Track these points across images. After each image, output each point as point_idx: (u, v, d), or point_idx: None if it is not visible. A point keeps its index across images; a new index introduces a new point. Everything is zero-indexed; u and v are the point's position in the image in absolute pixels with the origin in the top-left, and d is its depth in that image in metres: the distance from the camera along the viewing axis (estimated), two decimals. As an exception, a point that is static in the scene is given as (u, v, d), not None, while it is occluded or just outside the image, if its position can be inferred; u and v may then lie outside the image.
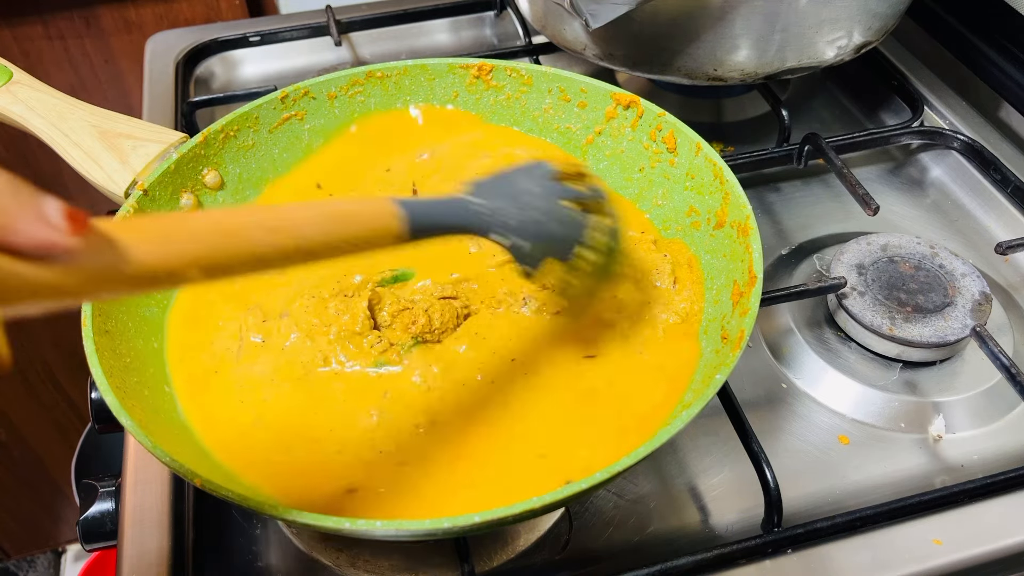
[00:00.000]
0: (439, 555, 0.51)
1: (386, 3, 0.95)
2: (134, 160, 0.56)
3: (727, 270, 0.52)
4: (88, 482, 0.55)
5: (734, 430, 0.53)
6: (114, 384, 0.44)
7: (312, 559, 0.51)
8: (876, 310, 0.60)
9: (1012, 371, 0.55)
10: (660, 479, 0.55)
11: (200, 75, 0.90)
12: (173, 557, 0.49)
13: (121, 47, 1.06)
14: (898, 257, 0.64)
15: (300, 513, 0.38)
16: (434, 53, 0.94)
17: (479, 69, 0.64)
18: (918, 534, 0.50)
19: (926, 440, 0.57)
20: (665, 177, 0.59)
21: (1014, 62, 0.78)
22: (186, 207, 0.57)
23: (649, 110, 0.59)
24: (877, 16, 0.70)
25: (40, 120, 0.57)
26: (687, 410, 0.41)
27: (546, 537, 0.52)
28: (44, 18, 1.00)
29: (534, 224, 0.44)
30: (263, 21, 0.96)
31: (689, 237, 0.57)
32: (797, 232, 0.71)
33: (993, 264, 0.68)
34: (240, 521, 0.53)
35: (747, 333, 0.45)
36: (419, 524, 0.38)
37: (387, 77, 0.64)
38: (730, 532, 0.52)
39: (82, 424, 1.36)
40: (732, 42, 0.67)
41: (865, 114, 0.84)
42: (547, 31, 0.77)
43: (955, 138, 0.75)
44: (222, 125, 0.59)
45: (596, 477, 0.39)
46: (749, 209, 0.51)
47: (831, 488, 0.54)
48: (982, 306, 0.60)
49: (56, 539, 1.60)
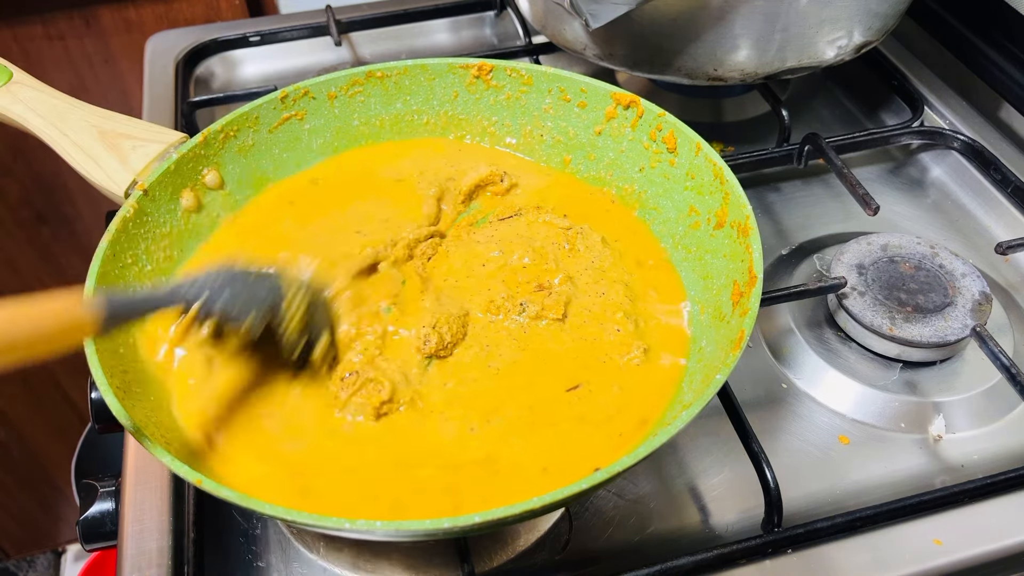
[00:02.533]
0: (439, 555, 0.51)
1: (386, 3, 0.95)
2: (134, 160, 0.56)
3: (727, 270, 0.52)
4: (88, 482, 0.55)
5: (734, 430, 0.53)
6: (114, 384, 0.44)
7: (312, 559, 0.51)
8: (876, 310, 0.60)
9: (1012, 371, 0.55)
10: (660, 479, 0.55)
11: (200, 75, 0.90)
12: (173, 557, 0.49)
13: (121, 47, 1.06)
14: (898, 257, 0.64)
15: (300, 513, 0.38)
16: (434, 53, 0.94)
17: (479, 69, 0.64)
18: (918, 534, 0.50)
19: (926, 440, 0.57)
20: (665, 177, 0.59)
21: (1014, 62, 0.78)
22: (186, 207, 0.57)
23: (649, 110, 0.59)
24: (877, 16, 0.70)
25: (40, 120, 0.57)
26: (687, 410, 0.41)
27: (546, 537, 0.52)
28: (44, 18, 1.00)
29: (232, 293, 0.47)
30: (263, 21, 0.97)
31: (689, 238, 0.57)
32: (797, 232, 0.71)
33: (993, 264, 0.68)
34: (240, 521, 0.53)
35: (747, 333, 0.45)
36: (419, 524, 0.38)
37: (387, 77, 0.64)
38: (730, 532, 0.52)
39: (82, 424, 1.36)
40: (732, 42, 0.67)
41: (865, 114, 0.84)
42: (547, 31, 0.77)
43: (955, 138, 0.75)
44: (222, 125, 0.59)
45: (596, 477, 0.39)
46: (749, 209, 0.51)
47: (831, 488, 0.54)
48: (982, 306, 0.60)
49: (56, 539, 1.60)
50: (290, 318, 0.49)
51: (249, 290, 0.48)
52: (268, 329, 0.48)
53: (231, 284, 0.47)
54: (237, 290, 0.47)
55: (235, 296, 0.47)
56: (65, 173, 1.12)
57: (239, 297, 0.47)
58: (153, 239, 0.55)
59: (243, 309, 0.47)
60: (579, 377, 0.51)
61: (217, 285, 0.47)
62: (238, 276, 0.48)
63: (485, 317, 0.54)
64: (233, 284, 0.47)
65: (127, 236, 0.53)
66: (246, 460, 0.47)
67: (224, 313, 0.47)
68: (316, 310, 0.51)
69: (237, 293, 0.47)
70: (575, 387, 0.50)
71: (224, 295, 0.47)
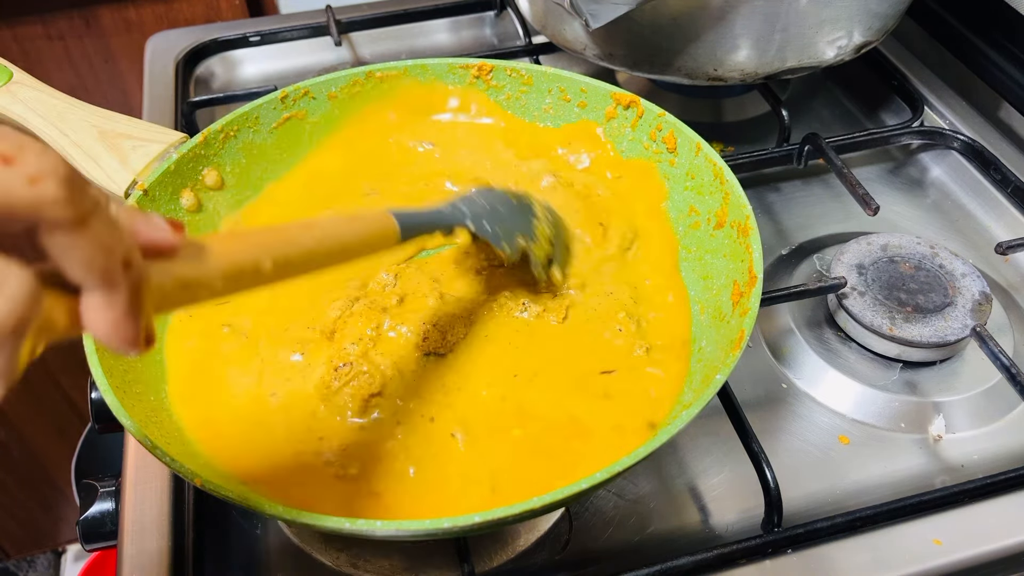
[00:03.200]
0: (439, 555, 0.51)
1: (386, 3, 0.95)
2: (134, 160, 0.56)
3: (727, 270, 0.52)
4: (88, 482, 0.55)
5: (734, 430, 0.53)
6: (114, 384, 0.44)
7: (312, 559, 0.51)
8: (876, 310, 0.60)
9: (1012, 371, 0.55)
10: (660, 479, 0.55)
11: (200, 75, 0.90)
12: (173, 557, 0.49)
13: (121, 47, 1.06)
14: (898, 257, 0.64)
15: (300, 513, 0.38)
16: (434, 53, 0.94)
17: (479, 69, 0.64)
18: (918, 534, 0.50)
19: (926, 440, 0.57)
20: (665, 177, 0.59)
21: (1014, 62, 0.78)
22: (186, 207, 0.57)
23: (649, 110, 0.59)
24: (877, 16, 0.70)
25: (40, 120, 0.57)
26: (687, 410, 0.41)
27: (546, 537, 0.52)
28: (44, 18, 1.00)
29: (492, 212, 0.52)
30: (263, 21, 0.96)
31: (689, 238, 0.57)
32: (797, 232, 0.71)
33: (993, 264, 0.68)
34: (240, 521, 0.53)
35: (747, 333, 0.45)
36: (419, 524, 0.38)
37: (387, 77, 0.64)
38: (730, 532, 0.52)
39: (82, 424, 1.36)
40: (732, 42, 0.67)
41: (865, 114, 0.84)
42: (547, 31, 0.77)
43: (955, 138, 0.75)
44: (222, 125, 0.59)
45: (596, 477, 0.39)
46: (749, 209, 0.51)
47: (831, 488, 0.54)
48: (982, 306, 0.60)
49: (56, 539, 1.60)
50: (541, 235, 0.54)
51: (512, 214, 0.53)
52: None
53: (496, 208, 0.52)
54: (502, 214, 0.52)
55: (501, 219, 0.52)
56: (65, 173, 1.13)
57: (504, 221, 0.52)
58: (153, 239, 0.55)
59: (507, 232, 0.51)
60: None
61: (487, 209, 0.51)
62: (500, 199, 0.53)
63: (489, 316, 0.54)
64: (496, 208, 0.52)
65: (127, 236, 0.53)
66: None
67: (492, 234, 0.51)
68: (557, 231, 0.56)
69: (503, 217, 0.52)
70: (610, 371, 0.51)
71: (487, 217, 0.51)
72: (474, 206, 0.51)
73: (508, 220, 0.52)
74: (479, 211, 0.51)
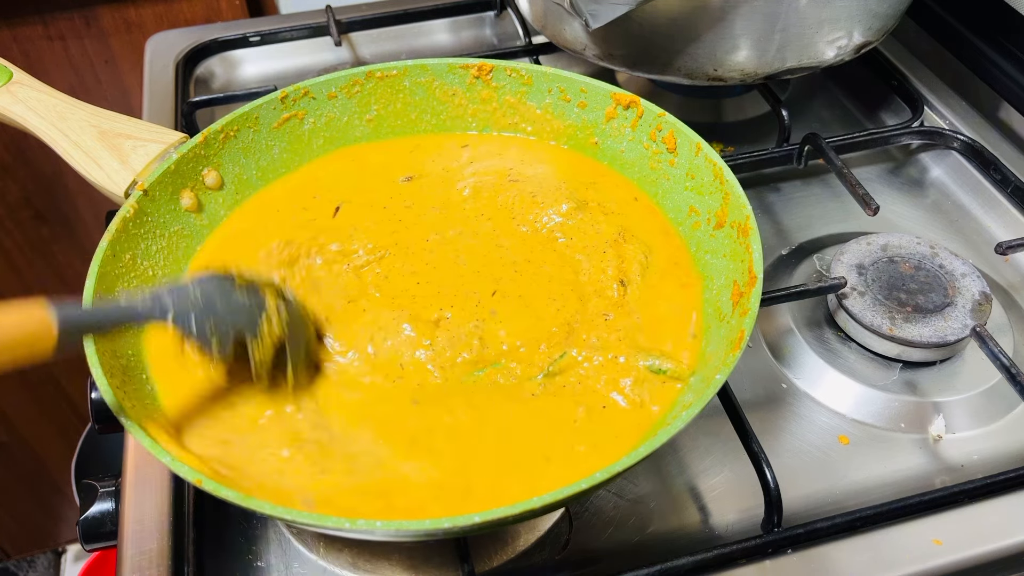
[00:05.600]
0: (439, 555, 0.51)
1: (386, 3, 0.95)
2: (134, 160, 0.56)
3: (727, 270, 0.52)
4: (88, 482, 0.55)
5: (734, 430, 0.53)
6: (114, 384, 0.44)
7: (312, 559, 0.51)
8: (876, 310, 0.60)
9: (1012, 371, 0.55)
10: (660, 479, 0.55)
11: (200, 75, 0.90)
12: (173, 557, 0.49)
13: (121, 47, 1.06)
14: (898, 257, 0.64)
15: (300, 513, 0.38)
16: (434, 53, 0.94)
17: (479, 69, 0.64)
18: (918, 534, 0.50)
19: (926, 440, 0.57)
20: (665, 177, 0.59)
21: (1014, 62, 0.78)
22: (186, 207, 0.57)
23: (649, 110, 0.59)
24: (877, 16, 0.70)
25: (40, 120, 0.57)
26: (687, 410, 0.41)
27: (546, 537, 0.52)
28: (44, 18, 1.01)
29: (207, 306, 0.46)
30: (263, 21, 0.97)
31: (689, 238, 0.57)
32: (797, 232, 0.71)
33: (993, 264, 0.68)
34: (240, 521, 0.53)
35: (747, 333, 0.45)
36: (419, 524, 0.38)
37: (387, 77, 0.64)
38: (730, 532, 0.52)
39: (82, 424, 1.36)
40: (732, 42, 0.67)
41: (865, 114, 0.84)
42: (547, 31, 0.77)
43: (955, 138, 0.75)
44: (222, 125, 0.59)
45: (596, 477, 0.39)
46: (749, 209, 0.51)
47: (831, 488, 0.54)
48: (982, 306, 0.60)
49: (56, 539, 1.60)
50: (266, 334, 0.48)
51: (232, 310, 0.47)
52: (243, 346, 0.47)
53: (206, 299, 0.46)
54: (217, 309, 0.46)
55: (216, 314, 0.46)
56: (65, 173, 1.13)
57: (221, 316, 0.46)
58: (153, 239, 0.55)
59: (221, 329, 0.46)
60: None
61: (190, 301, 0.46)
62: (221, 291, 0.47)
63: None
64: (209, 299, 0.46)
65: (127, 236, 0.53)
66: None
67: (197, 331, 0.46)
68: (295, 329, 0.49)
69: (218, 312, 0.46)
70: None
71: (196, 312, 0.46)
72: (183, 298, 0.46)
73: (226, 316, 0.46)
74: (187, 305, 0.46)
